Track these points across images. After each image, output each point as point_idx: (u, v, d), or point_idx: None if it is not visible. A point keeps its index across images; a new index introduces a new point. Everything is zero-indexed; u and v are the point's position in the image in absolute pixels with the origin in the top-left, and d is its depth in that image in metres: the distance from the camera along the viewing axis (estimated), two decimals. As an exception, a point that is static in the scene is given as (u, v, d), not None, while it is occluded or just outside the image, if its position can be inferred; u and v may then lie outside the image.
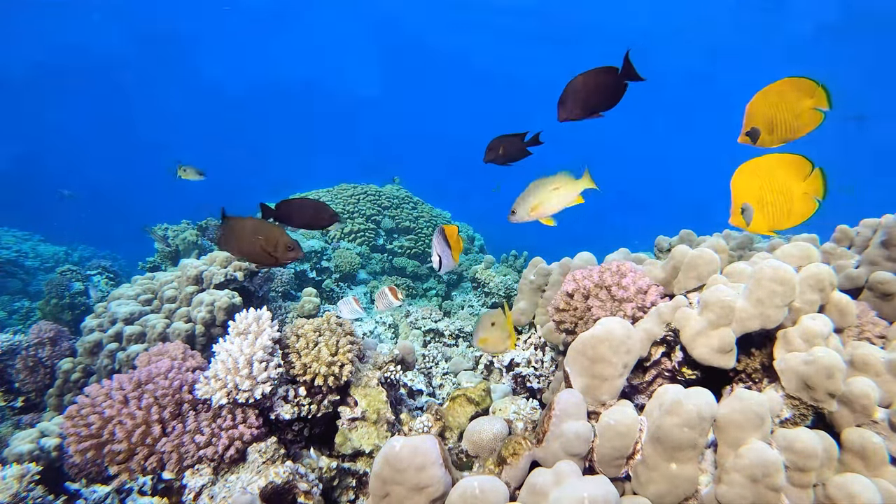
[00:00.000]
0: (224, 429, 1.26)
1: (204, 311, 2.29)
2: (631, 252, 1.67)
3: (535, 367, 1.72)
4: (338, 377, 1.40)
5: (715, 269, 1.20)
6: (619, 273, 1.28)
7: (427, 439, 0.91)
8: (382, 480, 0.90)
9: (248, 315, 1.40)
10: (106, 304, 2.41)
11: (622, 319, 1.08)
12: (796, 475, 0.86)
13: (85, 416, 1.25)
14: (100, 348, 2.26)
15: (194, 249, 3.71)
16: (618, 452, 0.95)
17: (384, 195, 4.62)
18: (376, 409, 1.46)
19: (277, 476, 1.20)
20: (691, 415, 0.88)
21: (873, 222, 1.44)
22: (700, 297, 1.12)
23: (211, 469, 1.24)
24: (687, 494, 0.92)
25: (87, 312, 2.96)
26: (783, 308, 1.02)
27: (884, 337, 1.12)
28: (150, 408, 1.26)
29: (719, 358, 1.06)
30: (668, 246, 1.94)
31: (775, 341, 1.06)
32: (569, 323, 1.34)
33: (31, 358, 2.35)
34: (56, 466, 1.75)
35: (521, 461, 1.03)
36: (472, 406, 1.53)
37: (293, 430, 1.42)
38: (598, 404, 1.04)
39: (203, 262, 2.58)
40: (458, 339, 3.07)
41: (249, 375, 1.28)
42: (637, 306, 1.24)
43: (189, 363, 1.45)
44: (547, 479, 0.87)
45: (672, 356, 1.17)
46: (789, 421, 0.99)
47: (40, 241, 6.20)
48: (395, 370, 1.62)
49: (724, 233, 1.83)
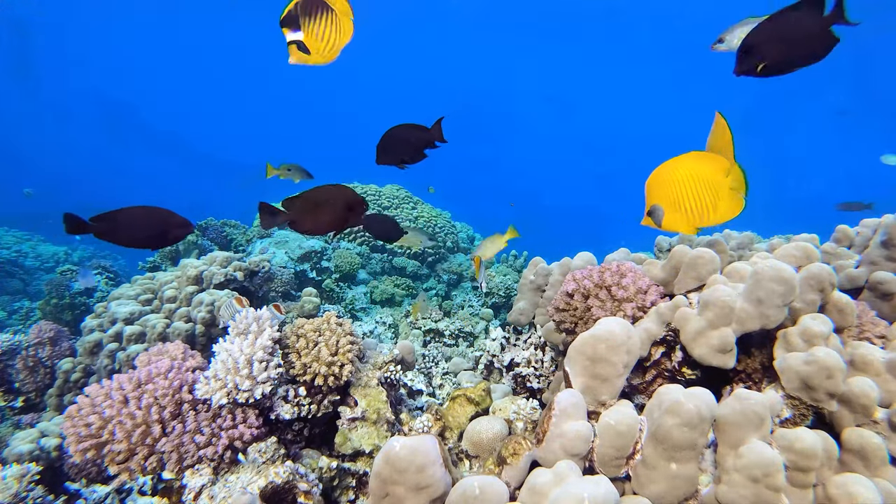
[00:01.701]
0: (224, 429, 1.26)
1: (204, 311, 2.29)
2: (631, 252, 1.67)
3: (535, 367, 1.72)
4: (338, 377, 1.40)
5: (715, 269, 1.20)
6: (619, 273, 1.28)
7: (427, 439, 0.91)
8: (382, 480, 0.90)
9: (249, 315, 1.40)
10: (106, 304, 2.41)
11: (622, 319, 1.08)
12: (796, 475, 0.86)
13: (85, 416, 1.25)
14: (100, 348, 2.26)
15: (194, 249, 3.71)
16: (618, 452, 0.95)
17: (384, 195, 4.62)
18: (376, 409, 1.46)
19: (277, 476, 1.20)
20: (691, 415, 0.88)
21: (873, 222, 1.44)
22: (700, 297, 1.12)
23: (211, 469, 1.24)
24: (687, 494, 0.92)
25: (87, 312, 2.96)
26: (783, 308, 1.02)
27: (884, 337, 1.12)
28: (150, 408, 1.26)
29: (719, 358, 1.06)
30: (668, 246, 1.94)
31: (775, 341, 1.06)
32: (569, 323, 1.34)
33: (31, 358, 2.35)
34: (56, 466, 1.75)
35: (521, 461, 1.03)
36: (472, 406, 1.53)
37: (293, 430, 1.42)
38: (598, 404, 1.04)
39: (203, 262, 2.58)
40: (458, 339, 3.07)
41: (249, 375, 1.28)
42: (637, 306, 1.24)
43: (189, 363, 1.45)
44: (547, 478, 0.87)
45: (672, 356, 1.17)
46: (789, 421, 0.99)
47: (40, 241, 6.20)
48: (395, 370, 1.62)
49: (724, 233, 1.83)
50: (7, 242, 5.69)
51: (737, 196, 1.05)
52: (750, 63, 1.06)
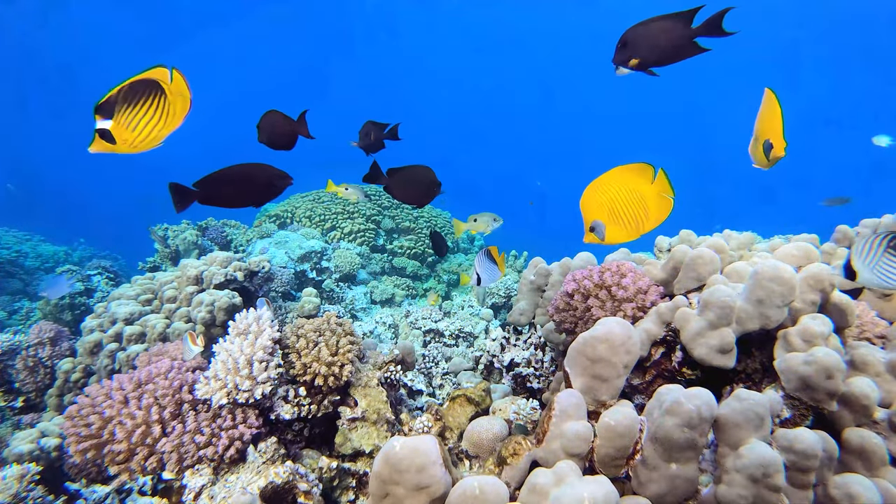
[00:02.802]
0: (224, 429, 1.26)
1: (204, 311, 2.29)
2: (631, 252, 1.67)
3: (535, 367, 1.72)
4: (338, 377, 1.40)
5: (715, 269, 1.20)
6: (619, 273, 1.28)
7: (427, 439, 0.91)
8: (382, 480, 0.90)
9: (248, 315, 1.40)
10: (106, 305, 2.41)
11: (622, 320, 1.08)
12: (796, 475, 0.86)
13: (85, 416, 1.25)
14: (100, 348, 2.26)
15: (194, 249, 3.71)
16: (618, 452, 0.95)
17: (384, 195, 4.63)
18: (376, 409, 1.46)
19: (277, 476, 1.20)
20: (691, 415, 0.88)
21: (873, 222, 1.44)
22: (700, 298, 1.12)
23: (211, 469, 1.24)
24: (687, 494, 0.92)
25: (87, 312, 2.96)
26: (783, 308, 1.02)
27: (884, 337, 1.12)
28: (150, 408, 1.26)
29: (719, 358, 1.06)
30: (668, 246, 1.93)
31: (775, 341, 1.06)
32: (569, 323, 1.34)
33: (31, 358, 2.35)
34: (56, 466, 1.75)
35: (521, 461, 1.03)
36: (472, 406, 1.53)
37: (293, 430, 1.43)
38: (598, 404, 1.04)
39: (203, 262, 2.58)
40: (458, 340, 3.07)
41: (249, 375, 1.28)
42: (637, 306, 1.24)
43: (189, 363, 1.45)
44: (547, 479, 0.87)
45: (672, 356, 1.17)
46: (789, 421, 0.99)
47: (40, 241, 6.20)
48: (396, 370, 1.62)
49: (724, 233, 1.83)
50: (7, 242, 5.69)
51: (665, 199, 1.12)
52: (624, 56, 1.17)
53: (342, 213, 4.33)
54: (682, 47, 1.13)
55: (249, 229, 4.33)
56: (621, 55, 1.18)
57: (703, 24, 1.10)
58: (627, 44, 1.16)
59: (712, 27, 1.10)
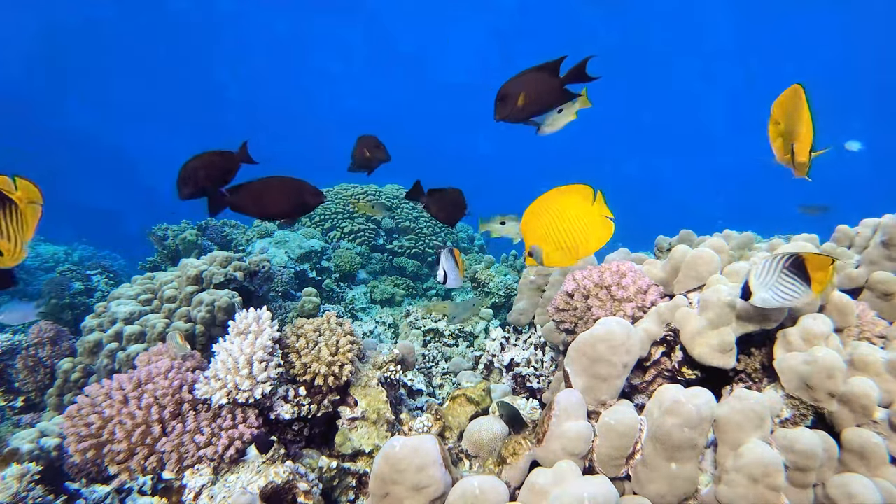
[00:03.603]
0: (224, 428, 1.26)
1: (204, 310, 2.28)
2: (631, 252, 1.67)
3: (535, 367, 1.72)
4: (338, 377, 1.40)
5: (715, 269, 1.20)
6: (618, 273, 1.28)
7: (427, 439, 0.91)
8: (382, 480, 0.90)
9: (248, 315, 1.40)
10: (106, 304, 2.41)
11: (622, 319, 1.08)
12: (796, 475, 0.86)
13: (85, 415, 1.25)
14: (100, 348, 2.26)
15: (194, 249, 3.71)
16: (618, 452, 0.95)
17: (384, 195, 4.62)
18: (376, 408, 1.46)
19: (277, 476, 1.20)
20: (691, 415, 0.88)
21: (873, 222, 1.44)
22: (700, 297, 1.13)
23: (211, 469, 1.24)
24: (687, 494, 0.92)
25: (87, 312, 2.96)
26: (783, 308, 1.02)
27: (884, 337, 1.12)
28: (150, 408, 1.26)
29: (719, 358, 1.06)
30: (668, 246, 1.93)
31: (775, 341, 1.06)
32: (569, 323, 1.34)
33: (31, 358, 2.35)
34: (56, 466, 1.75)
35: (521, 461, 1.03)
36: (472, 406, 1.53)
37: (293, 429, 1.42)
38: (598, 404, 1.04)
39: (203, 261, 2.57)
40: (458, 339, 3.07)
41: (249, 375, 1.28)
42: (637, 306, 1.24)
43: (189, 363, 1.44)
44: (547, 478, 0.87)
45: (672, 356, 1.17)
46: (789, 421, 0.99)
47: (40, 241, 6.20)
48: (395, 370, 1.61)
49: (724, 233, 1.83)
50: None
51: (607, 222, 1.10)
52: (508, 108, 1.23)
53: (342, 213, 4.33)
54: (554, 95, 1.22)
55: (249, 229, 4.33)
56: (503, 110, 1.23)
57: (569, 72, 1.20)
58: (507, 97, 1.22)
59: (578, 74, 1.20)
